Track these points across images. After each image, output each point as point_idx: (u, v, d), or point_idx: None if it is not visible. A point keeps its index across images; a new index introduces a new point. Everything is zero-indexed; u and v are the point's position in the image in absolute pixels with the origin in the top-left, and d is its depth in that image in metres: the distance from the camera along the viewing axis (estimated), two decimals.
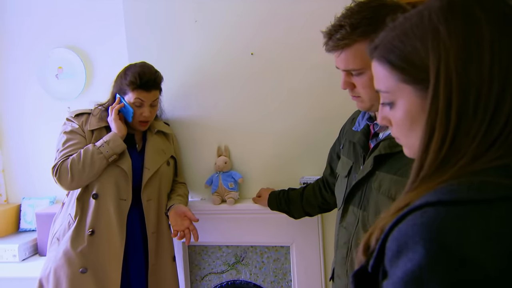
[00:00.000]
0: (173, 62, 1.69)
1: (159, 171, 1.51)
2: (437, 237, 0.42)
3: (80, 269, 1.37)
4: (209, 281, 1.79)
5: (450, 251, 0.41)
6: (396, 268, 0.44)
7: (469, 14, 0.49)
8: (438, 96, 0.49)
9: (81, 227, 1.40)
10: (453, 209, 0.44)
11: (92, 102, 1.56)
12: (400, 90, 0.54)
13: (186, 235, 1.43)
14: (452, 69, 0.48)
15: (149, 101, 1.45)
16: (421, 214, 0.45)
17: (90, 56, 2.00)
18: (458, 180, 0.48)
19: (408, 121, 0.54)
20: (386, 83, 0.56)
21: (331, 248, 1.64)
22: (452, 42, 0.49)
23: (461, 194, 0.46)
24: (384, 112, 0.59)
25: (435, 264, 0.41)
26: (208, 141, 1.72)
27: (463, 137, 0.49)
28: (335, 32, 0.91)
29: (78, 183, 1.37)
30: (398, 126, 0.57)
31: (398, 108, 0.55)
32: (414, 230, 0.44)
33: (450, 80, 0.48)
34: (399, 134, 0.58)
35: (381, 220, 0.52)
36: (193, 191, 1.75)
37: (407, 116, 0.54)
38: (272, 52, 1.61)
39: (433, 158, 0.50)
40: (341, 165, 1.14)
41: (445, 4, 0.50)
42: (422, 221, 0.44)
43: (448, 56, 0.49)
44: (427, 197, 0.47)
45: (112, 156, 1.39)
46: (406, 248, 0.44)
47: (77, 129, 1.45)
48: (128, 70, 1.45)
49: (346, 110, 1.54)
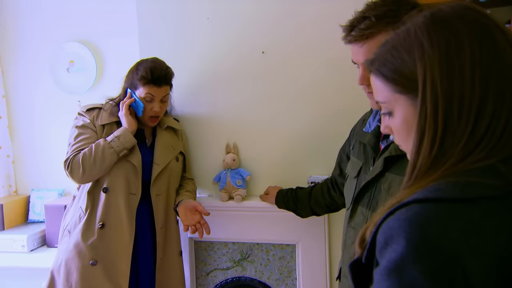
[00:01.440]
0: (184, 59, 1.70)
1: (168, 166, 1.53)
2: (418, 231, 0.46)
3: (90, 262, 1.39)
4: (214, 277, 1.81)
5: (430, 243, 0.45)
6: (383, 258, 0.49)
7: (449, 27, 0.54)
8: (426, 102, 0.54)
9: (91, 220, 1.42)
10: (437, 206, 0.48)
11: (103, 97, 1.58)
12: (396, 100, 0.58)
13: (199, 229, 1.44)
14: (436, 78, 0.53)
15: (159, 97, 1.46)
16: (407, 210, 0.49)
17: (101, 51, 2.01)
18: (446, 180, 0.52)
19: (405, 128, 0.59)
20: (383, 94, 0.60)
21: (337, 248, 1.66)
22: (435, 54, 0.53)
23: (446, 193, 0.49)
24: (386, 121, 0.64)
25: (415, 254, 0.45)
26: (217, 138, 1.73)
27: (450, 139, 0.53)
28: (358, 23, 0.92)
29: (89, 177, 1.39)
30: (397, 134, 0.62)
31: (396, 117, 0.60)
32: (399, 224, 0.48)
33: (435, 88, 0.53)
34: (400, 141, 0.63)
35: (376, 215, 0.56)
36: (201, 187, 1.76)
37: (404, 124, 0.59)
38: (283, 51, 1.62)
39: (424, 159, 0.54)
40: (350, 165, 1.14)
41: (428, 19, 0.55)
42: (406, 216, 0.48)
43: (432, 66, 0.53)
44: (416, 195, 0.51)
45: (122, 151, 1.40)
46: (391, 240, 0.48)
47: (88, 124, 1.46)
48: (140, 65, 1.47)
49: (355, 110, 1.54)
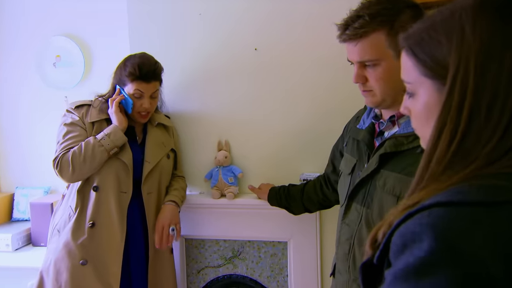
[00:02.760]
0: (175, 55, 1.68)
1: (159, 164, 1.51)
2: (441, 236, 0.43)
3: (80, 261, 1.37)
4: (205, 275, 1.80)
5: (454, 249, 0.43)
6: (399, 261, 0.46)
7: (498, 15, 0.49)
8: (453, 94, 0.50)
9: (81, 219, 1.40)
10: (460, 210, 0.45)
11: (91, 92, 1.55)
12: (421, 83, 0.55)
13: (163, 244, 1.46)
14: (470, 70, 0.49)
15: (149, 93, 1.44)
16: (429, 213, 0.46)
17: (89, 45, 1.97)
18: (469, 182, 0.49)
19: (425, 114, 0.56)
20: (410, 74, 0.57)
21: (328, 245, 1.67)
22: (475, 42, 0.49)
23: (470, 196, 0.47)
24: (406, 101, 0.61)
25: (437, 260, 0.42)
26: (208, 135, 1.72)
27: (473, 138, 0.49)
28: (352, 22, 0.92)
29: (79, 175, 1.36)
30: (416, 118, 0.59)
31: (417, 100, 0.57)
32: (421, 228, 0.45)
33: (466, 80, 0.49)
34: (416, 125, 0.60)
35: (389, 215, 0.54)
36: (192, 184, 1.75)
37: (424, 109, 0.56)
38: (275, 48, 1.61)
39: (442, 152, 0.52)
40: (344, 162, 1.15)
41: (477, 3, 0.50)
42: (428, 220, 0.45)
43: (468, 55, 0.49)
44: (437, 197, 0.49)
45: (113, 149, 1.38)
46: (411, 244, 0.45)
47: (77, 121, 1.43)
48: (127, 61, 1.44)
49: (347, 108, 1.55)
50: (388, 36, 0.91)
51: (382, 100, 0.97)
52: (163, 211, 1.47)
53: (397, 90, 0.95)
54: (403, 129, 0.94)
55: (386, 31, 0.90)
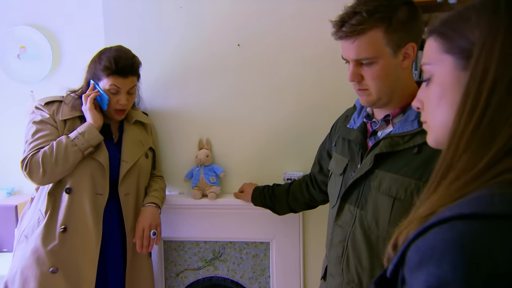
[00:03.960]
0: (154, 48, 1.59)
1: (137, 164, 1.43)
2: (465, 254, 0.40)
3: (50, 269, 1.27)
4: (185, 278, 1.74)
5: (479, 270, 0.39)
6: (416, 279, 0.43)
7: None
8: (478, 65, 0.49)
9: (52, 223, 1.30)
10: (486, 224, 0.42)
11: (60, 87, 1.43)
12: (441, 60, 0.55)
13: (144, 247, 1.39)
14: (497, 44, 0.48)
15: (125, 88, 1.36)
16: (450, 227, 0.43)
17: (57, 37, 1.84)
18: (491, 191, 0.46)
19: (439, 93, 0.55)
20: (431, 54, 0.57)
21: (311, 244, 1.65)
22: (507, 17, 0.48)
23: (495, 207, 0.43)
24: (420, 93, 0.60)
25: (461, 282, 0.39)
26: (188, 133, 1.65)
27: (496, 114, 0.48)
28: (349, 18, 0.89)
29: (50, 178, 1.26)
30: (428, 104, 0.58)
31: (433, 82, 0.56)
32: (442, 244, 0.42)
33: (492, 52, 0.48)
34: (427, 115, 0.59)
35: (405, 224, 0.52)
36: (171, 184, 1.67)
37: (440, 88, 0.55)
38: (259, 44, 1.56)
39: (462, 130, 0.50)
40: (334, 163, 1.12)
41: None
42: (451, 236, 0.42)
43: (498, 29, 0.48)
44: (456, 208, 0.46)
45: (88, 148, 1.29)
46: (430, 261, 0.42)
47: (47, 119, 1.33)
48: (102, 54, 1.35)
49: (331, 106, 1.54)
50: (385, 34, 0.88)
51: (378, 99, 0.94)
52: (144, 213, 1.40)
53: (393, 89, 0.93)
54: (399, 128, 0.93)
55: (383, 28, 0.88)
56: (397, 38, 0.89)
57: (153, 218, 1.39)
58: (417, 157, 0.88)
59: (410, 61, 0.92)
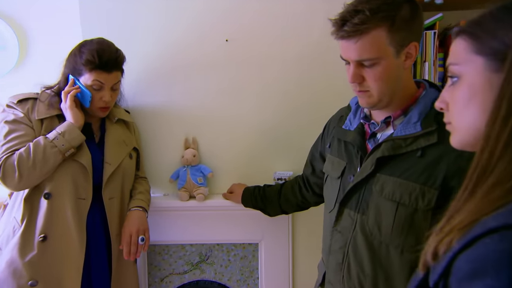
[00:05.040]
0: (135, 42, 1.50)
1: (121, 165, 1.34)
2: None
3: (29, 282, 1.17)
4: (170, 283, 1.66)
5: None
6: None
7: None
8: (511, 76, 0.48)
9: (29, 232, 1.19)
10: None
11: (36, 84, 1.32)
12: (471, 61, 0.54)
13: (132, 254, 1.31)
14: None
15: (109, 84, 1.26)
16: (500, 238, 0.43)
17: (23, 27, 1.69)
18: None
19: (467, 95, 0.54)
20: (460, 54, 0.56)
21: (300, 245, 1.63)
22: None
23: None
24: (445, 94, 0.59)
25: None
26: (173, 132, 1.57)
27: None
28: (351, 17, 0.85)
29: (27, 182, 1.16)
30: (455, 105, 0.57)
31: (461, 83, 0.55)
32: (495, 255, 0.42)
33: None
34: (453, 116, 0.58)
35: (448, 231, 0.51)
36: (155, 186, 1.59)
37: (469, 89, 0.54)
38: (248, 40, 1.51)
39: (497, 133, 0.49)
40: (330, 165, 1.09)
41: None
42: (504, 247, 0.42)
43: None
44: (501, 218, 0.45)
45: (69, 150, 1.19)
46: (484, 273, 0.42)
47: (21, 118, 1.21)
48: (83, 47, 1.24)
49: (321, 104, 1.52)
50: (389, 33, 0.86)
51: (379, 101, 0.92)
52: (130, 218, 1.31)
53: (394, 90, 0.91)
54: (401, 131, 0.90)
55: (387, 27, 0.85)
56: (400, 37, 0.86)
57: (140, 223, 1.32)
58: (421, 160, 0.86)
59: (412, 61, 0.90)
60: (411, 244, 0.86)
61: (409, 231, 0.86)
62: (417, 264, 0.86)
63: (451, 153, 0.82)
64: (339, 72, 1.50)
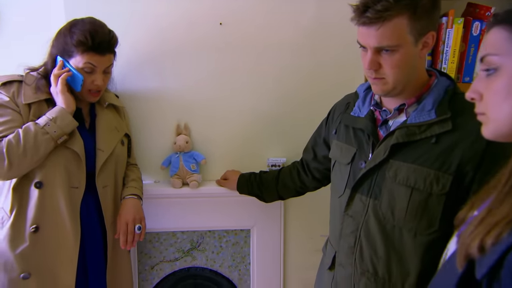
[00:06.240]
0: (125, 23, 1.42)
1: (114, 152, 1.29)
2: None
3: (21, 275, 1.12)
4: (160, 270, 1.64)
5: None
6: None
7: None
8: None
9: (20, 223, 1.13)
10: None
11: (19, 65, 1.23)
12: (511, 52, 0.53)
13: (128, 242, 1.27)
14: None
15: (102, 67, 1.20)
16: None
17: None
18: None
19: (506, 87, 0.54)
20: (501, 45, 0.55)
21: (292, 230, 1.65)
22: None
23: None
24: (477, 85, 0.58)
25: None
26: (165, 118, 1.53)
27: None
28: (373, 3, 0.85)
29: (17, 171, 1.09)
30: (492, 96, 0.56)
31: (500, 74, 0.55)
32: None
33: None
34: (487, 107, 0.58)
35: (494, 224, 0.51)
36: (145, 172, 1.54)
37: (508, 81, 0.54)
38: (242, 23, 1.47)
39: None
40: (338, 151, 1.10)
41: None
42: None
43: None
44: None
45: (61, 136, 1.13)
46: None
47: (7, 102, 1.13)
48: (74, 27, 1.16)
49: (313, 91, 1.53)
50: (410, 21, 0.87)
51: (393, 88, 0.93)
52: (125, 206, 1.27)
53: (409, 78, 0.93)
54: (415, 118, 0.93)
55: (409, 15, 0.86)
56: (421, 26, 0.88)
57: (136, 212, 1.28)
58: (436, 147, 0.89)
59: (427, 50, 0.92)
60: (424, 227, 0.90)
61: (422, 214, 0.90)
62: (430, 245, 0.90)
63: (467, 139, 0.86)
64: (333, 59, 1.51)
